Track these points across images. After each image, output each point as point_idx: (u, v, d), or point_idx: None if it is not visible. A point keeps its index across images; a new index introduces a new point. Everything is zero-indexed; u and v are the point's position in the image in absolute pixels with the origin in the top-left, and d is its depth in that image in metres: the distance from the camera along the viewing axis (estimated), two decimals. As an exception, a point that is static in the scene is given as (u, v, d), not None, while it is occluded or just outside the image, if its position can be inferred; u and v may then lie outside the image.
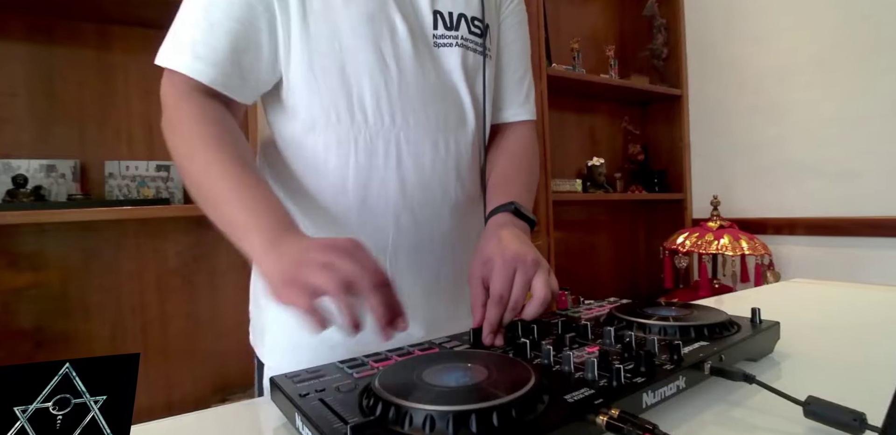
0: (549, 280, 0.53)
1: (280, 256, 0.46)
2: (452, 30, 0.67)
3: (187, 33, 0.58)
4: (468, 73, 0.68)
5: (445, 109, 0.66)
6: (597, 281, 2.47)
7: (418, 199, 0.65)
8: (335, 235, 0.58)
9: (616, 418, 0.32)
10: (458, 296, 0.70)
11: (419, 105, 0.64)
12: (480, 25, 0.70)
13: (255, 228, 0.49)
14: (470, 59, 0.68)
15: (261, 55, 0.60)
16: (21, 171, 1.30)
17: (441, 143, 0.66)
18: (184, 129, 0.56)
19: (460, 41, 0.67)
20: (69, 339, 1.37)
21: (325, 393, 0.37)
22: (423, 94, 0.64)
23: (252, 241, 0.48)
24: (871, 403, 0.35)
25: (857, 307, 0.82)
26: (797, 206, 2.05)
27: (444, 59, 0.66)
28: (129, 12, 1.37)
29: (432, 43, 0.66)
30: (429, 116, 0.65)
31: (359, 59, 0.61)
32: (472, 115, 0.70)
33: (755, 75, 2.18)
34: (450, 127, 0.67)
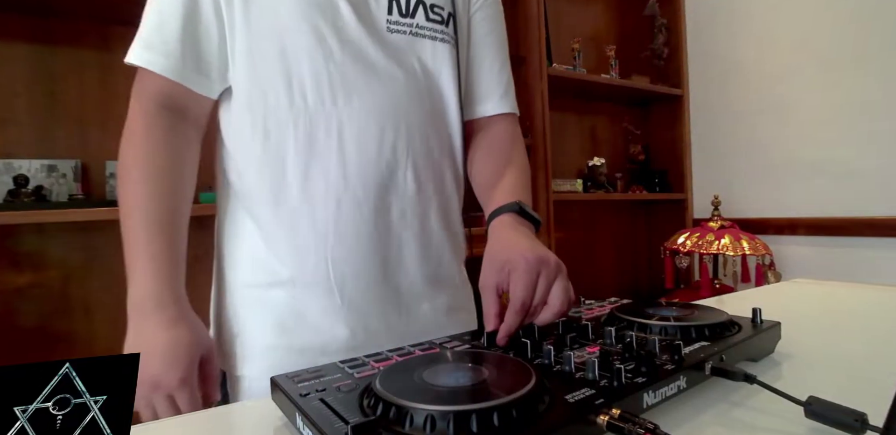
0: (567, 287, 0.52)
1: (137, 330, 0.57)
2: (407, 17, 0.66)
3: (142, 28, 0.60)
4: (424, 59, 0.67)
5: (397, 94, 0.64)
6: (598, 281, 2.47)
7: (362, 184, 0.63)
8: (276, 219, 0.63)
9: (617, 418, 0.32)
10: (404, 289, 0.68)
11: (364, 88, 0.63)
12: (441, 12, 0.69)
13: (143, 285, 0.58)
14: (427, 47, 0.67)
15: (211, 40, 0.61)
16: (22, 171, 1.30)
17: (389, 128, 0.64)
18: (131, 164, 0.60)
19: (414, 29, 0.67)
20: (70, 338, 1.37)
21: (326, 393, 0.37)
22: (369, 78, 0.63)
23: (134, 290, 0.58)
24: (873, 404, 0.35)
25: (859, 307, 0.81)
26: (798, 206, 2.05)
27: (397, 45, 0.65)
28: (130, 12, 1.37)
29: (385, 28, 0.65)
30: (376, 100, 0.63)
31: (298, 41, 0.60)
32: (431, 102, 0.68)
33: (756, 75, 2.18)
34: (401, 112, 0.65)
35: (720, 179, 2.34)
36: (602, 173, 2.28)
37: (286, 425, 0.40)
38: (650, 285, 2.58)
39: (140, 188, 0.59)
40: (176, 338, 0.56)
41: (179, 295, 0.61)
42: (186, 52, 0.60)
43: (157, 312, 0.57)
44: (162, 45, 0.59)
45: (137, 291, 0.57)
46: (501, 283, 0.53)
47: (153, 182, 0.60)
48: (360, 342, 0.64)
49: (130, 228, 0.59)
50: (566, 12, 2.40)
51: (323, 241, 0.63)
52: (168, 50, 0.59)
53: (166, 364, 0.54)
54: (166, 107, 0.61)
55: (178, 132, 0.62)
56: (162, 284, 0.59)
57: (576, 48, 2.19)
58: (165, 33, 0.59)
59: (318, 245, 0.63)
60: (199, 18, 0.60)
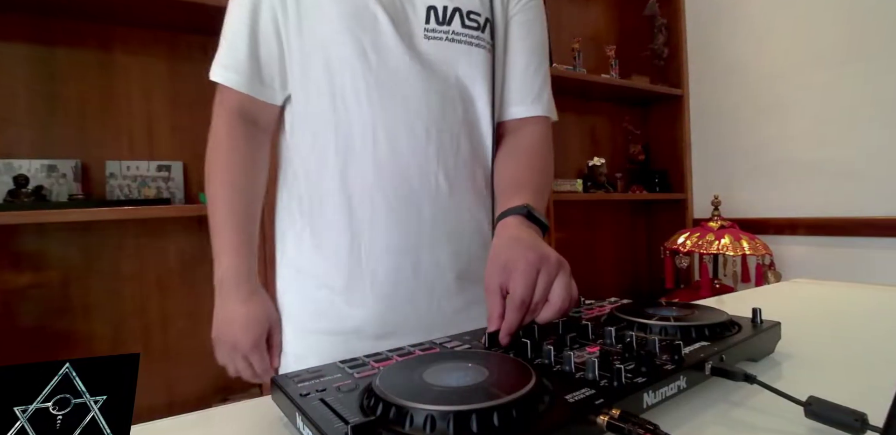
0: (569, 284, 0.52)
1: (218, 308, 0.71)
2: (444, 24, 0.69)
3: (220, 48, 0.70)
4: (457, 65, 0.70)
5: (428, 99, 0.69)
6: (598, 281, 2.47)
7: (392, 183, 0.68)
8: (320, 213, 0.70)
9: (617, 418, 0.32)
10: (435, 285, 0.72)
11: (397, 93, 0.68)
12: (478, 19, 0.71)
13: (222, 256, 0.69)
14: (462, 52, 0.70)
15: (272, 55, 0.70)
16: (22, 171, 1.30)
17: (420, 130, 0.68)
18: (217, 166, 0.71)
19: (450, 35, 0.70)
20: (70, 339, 1.37)
21: (326, 393, 0.37)
22: (402, 84, 0.68)
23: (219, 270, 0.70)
24: (873, 404, 0.35)
25: (859, 307, 0.81)
26: (798, 206, 2.05)
27: (433, 52, 0.69)
28: (131, 13, 1.37)
29: (422, 36, 0.69)
30: (408, 104, 0.68)
31: (340, 53, 0.66)
32: (463, 106, 0.71)
33: (756, 75, 2.18)
34: (433, 115, 0.69)
35: (720, 179, 2.34)
36: (602, 173, 2.28)
37: (286, 425, 0.40)
38: (650, 285, 2.58)
39: (225, 188, 0.70)
40: (250, 311, 0.69)
41: (253, 274, 0.71)
42: (253, 68, 0.69)
43: (236, 287, 0.69)
44: (234, 63, 0.69)
45: (221, 270, 0.69)
46: (504, 283, 0.52)
47: (235, 183, 0.71)
48: (388, 330, 0.70)
49: (218, 220, 0.70)
50: (566, 12, 2.40)
51: (358, 239, 0.69)
52: (238, 67, 0.69)
53: (242, 331, 0.68)
54: (242, 117, 0.71)
55: (252, 138, 0.72)
56: (240, 264, 0.69)
57: (576, 48, 2.19)
58: (236, 52, 0.69)
59: (353, 243, 0.69)
60: (261, 38, 0.69)
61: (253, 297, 0.70)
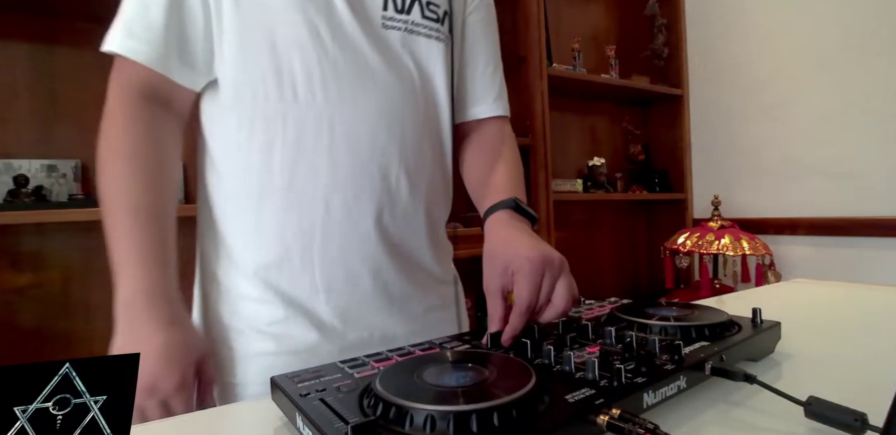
0: (571, 285, 0.52)
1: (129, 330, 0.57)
2: (403, 13, 0.64)
3: (123, 14, 0.58)
4: (418, 58, 0.65)
5: (391, 94, 0.62)
6: (598, 281, 2.47)
7: (351, 185, 0.61)
8: (258, 218, 0.61)
9: (617, 418, 0.32)
10: (395, 291, 0.66)
11: (358, 86, 0.60)
12: (437, 10, 0.67)
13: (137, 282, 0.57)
14: (422, 45, 0.66)
15: (197, 29, 0.58)
16: (22, 171, 1.30)
17: (382, 129, 0.62)
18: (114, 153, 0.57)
19: (409, 26, 0.64)
20: (70, 339, 1.37)
21: (326, 393, 0.37)
22: (362, 75, 0.61)
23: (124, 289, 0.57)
24: (873, 403, 0.35)
25: (859, 307, 0.81)
26: (798, 206, 2.05)
27: (391, 42, 0.63)
28: (130, 12, 1.37)
29: (380, 24, 0.63)
30: (368, 98, 0.61)
31: (290, 33, 0.58)
32: (424, 101, 0.66)
33: (756, 75, 2.18)
34: (395, 111, 0.63)
35: (720, 179, 2.34)
36: (602, 173, 2.28)
37: (286, 425, 0.40)
38: (650, 285, 2.58)
39: (125, 182, 0.56)
40: (171, 339, 0.53)
41: (172, 292, 0.58)
42: (171, 41, 0.57)
43: (149, 310, 0.55)
44: (145, 32, 0.56)
45: (127, 289, 0.56)
46: (506, 285, 0.52)
47: (138, 175, 0.56)
48: (350, 343, 0.63)
49: (117, 223, 0.57)
50: (566, 12, 2.40)
51: (310, 244, 0.61)
52: (151, 38, 0.57)
53: (162, 368, 0.51)
54: (148, 97, 0.59)
55: (161, 124, 0.60)
56: (154, 280, 0.56)
57: (576, 48, 2.19)
58: (149, 20, 0.57)
59: (304, 249, 0.61)
60: (184, 5, 0.57)
61: (175, 321, 0.56)
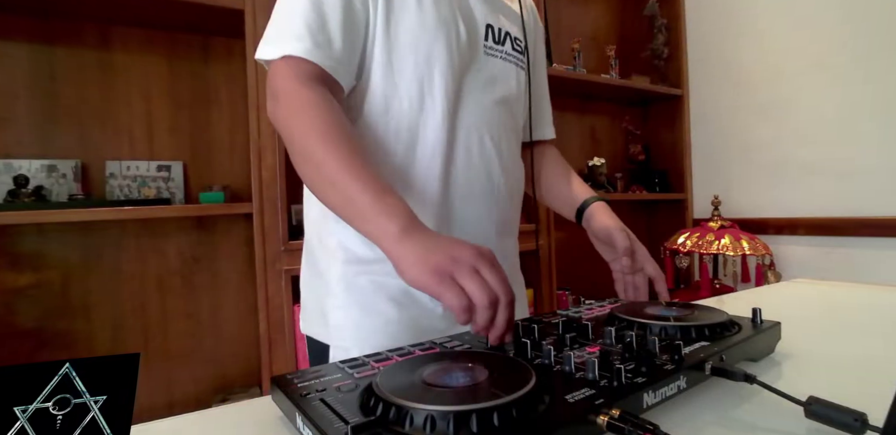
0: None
1: (419, 242, 0.50)
2: (499, 44, 0.74)
3: (301, 23, 0.61)
4: (510, 82, 0.76)
5: (490, 109, 0.73)
6: (597, 281, 2.46)
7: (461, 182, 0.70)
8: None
9: (617, 418, 0.32)
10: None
11: (470, 100, 0.71)
12: (521, 45, 0.79)
13: (388, 213, 0.52)
14: (513, 72, 0.76)
15: (359, 42, 0.65)
16: (22, 172, 1.31)
17: (486, 136, 0.72)
18: (310, 113, 0.58)
19: (504, 55, 0.75)
20: (70, 339, 1.37)
21: (326, 393, 0.37)
22: (473, 91, 0.71)
23: (384, 224, 0.52)
24: (873, 404, 0.35)
25: (859, 307, 0.81)
26: (798, 206, 2.05)
27: (491, 66, 0.73)
28: (131, 12, 1.37)
29: (483, 51, 0.73)
30: (479, 111, 0.71)
31: (433, 52, 0.66)
32: (514, 122, 0.78)
33: (756, 75, 2.18)
34: (493, 123, 0.73)
35: (720, 179, 2.34)
36: (602, 173, 2.28)
37: (286, 425, 0.40)
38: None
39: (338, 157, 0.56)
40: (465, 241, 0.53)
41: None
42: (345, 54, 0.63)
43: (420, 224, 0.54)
44: (326, 42, 0.61)
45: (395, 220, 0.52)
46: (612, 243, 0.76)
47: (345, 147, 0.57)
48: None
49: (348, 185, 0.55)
50: (566, 12, 2.40)
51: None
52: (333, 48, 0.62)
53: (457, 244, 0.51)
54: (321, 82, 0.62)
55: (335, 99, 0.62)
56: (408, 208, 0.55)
57: (576, 48, 2.19)
58: (328, 30, 0.62)
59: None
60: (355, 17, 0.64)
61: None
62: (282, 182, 1.41)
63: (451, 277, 0.47)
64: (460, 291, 0.46)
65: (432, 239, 0.51)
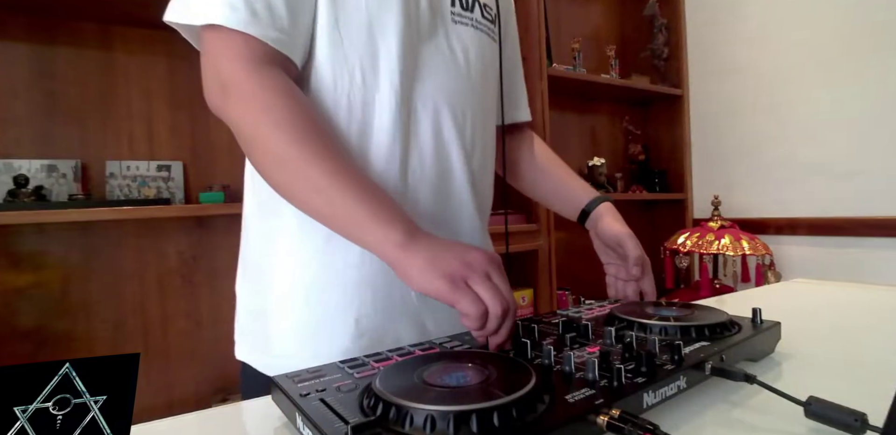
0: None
1: (426, 247, 0.47)
2: (467, 11, 0.66)
3: None
4: (482, 54, 0.67)
5: (456, 83, 0.64)
6: (597, 281, 2.46)
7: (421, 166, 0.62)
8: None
9: (617, 419, 0.32)
10: None
11: (433, 72, 0.62)
12: (491, 13, 0.70)
13: (389, 221, 0.48)
14: (485, 42, 0.68)
15: (307, 8, 0.56)
16: (22, 171, 1.31)
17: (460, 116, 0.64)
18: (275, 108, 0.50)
19: (474, 23, 0.66)
20: (70, 339, 1.37)
21: (326, 393, 0.37)
22: (435, 63, 0.63)
23: (387, 233, 0.48)
24: (873, 404, 0.35)
25: (859, 307, 0.81)
26: (798, 206, 2.05)
27: (460, 36, 0.65)
28: (130, 12, 1.37)
29: (450, 18, 0.64)
30: (440, 85, 0.63)
31: (385, 19, 0.58)
32: (482, 95, 0.68)
33: (756, 75, 2.18)
34: (459, 99, 0.65)
35: (720, 179, 2.34)
36: (602, 173, 2.28)
37: (286, 425, 0.40)
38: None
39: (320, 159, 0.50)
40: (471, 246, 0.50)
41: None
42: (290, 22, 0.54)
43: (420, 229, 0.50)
44: (267, 11, 0.52)
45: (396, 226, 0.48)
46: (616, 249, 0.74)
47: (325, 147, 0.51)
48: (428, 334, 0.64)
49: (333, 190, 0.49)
50: (566, 12, 2.39)
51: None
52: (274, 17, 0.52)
53: (471, 249, 0.49)
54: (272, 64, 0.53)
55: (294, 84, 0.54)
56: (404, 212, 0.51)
57: (576, 48, 2.19)
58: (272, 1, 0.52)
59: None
60: None
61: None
62: (282, 182, 1.41)
63: (464, 282, 0.45)
64: (476, 297, 0.44)
65: (439, 243, 0.49)
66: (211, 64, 0.53)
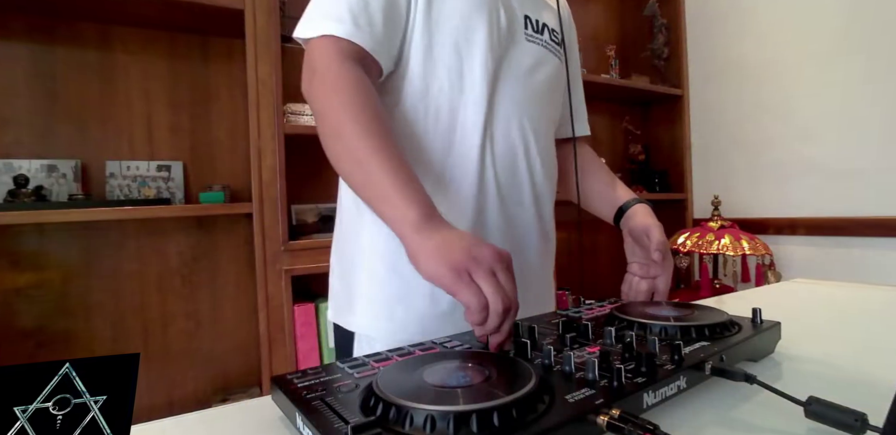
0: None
1: (438, 234, 0.50)
2: (538, 33, 0.75)
3: (343, 5, 0.61)
4: (550, 69, 0.76)
5: (528, 95, 0.73)
6: (597, 281, 2.47)
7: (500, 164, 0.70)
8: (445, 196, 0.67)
9: (617, 419, 0.32)
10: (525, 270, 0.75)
11: (509, 85, 0.70)
12: (558, 36, 0.79)
13: (410, 199, 0.52)
14: (552, 61, 0.76)
15: (400, 25, 0.65)
16: (22, 171, 1.30)
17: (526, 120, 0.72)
18: (346, 91, 0.58)
19: (544, 43, 0.75)
20: (70, 339, 1.37)
21: (326, 393, 0.37)
22: (511, 77, 0.71)
23: (404, 209, 0.52)
24: (873, 404, 0.35)
25: (859, 307, 0.81)
26: (798, 205, 2.05)
27: (533, 53, 0.73)
28: (130, 12, 1.37)
29: (524, 38, 0.73)
30: (517, 97, 0.71)
31: (473, 35, 0.67)
32: (548, 105, 0.77)
33: (756, 75, 2.18)
34: (531, 110, 0.73)
35: (720, 179, 2.34)
36: (602, 173, 2.28)
37: (286, 425, 0.40)
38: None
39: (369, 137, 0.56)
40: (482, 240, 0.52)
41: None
42: (387, 37, 0.64)
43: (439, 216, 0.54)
44: (368, 24, 0.62)
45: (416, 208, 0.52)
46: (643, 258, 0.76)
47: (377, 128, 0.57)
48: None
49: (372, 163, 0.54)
50: (566, 12, 2.39)
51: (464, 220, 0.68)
52: (374, 30, 0.62)
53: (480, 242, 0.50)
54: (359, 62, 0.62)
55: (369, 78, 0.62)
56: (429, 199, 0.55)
57: (576, 48, 2.18)
58: (370, 12, 0.62)
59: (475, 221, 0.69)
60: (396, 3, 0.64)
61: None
62: (282, 182, 1.41)
63: (468, 274, 0.46)
64: (477, 289, 0.46)
65: (452, 232, 0.51)
66: (308, 58, 0.62)
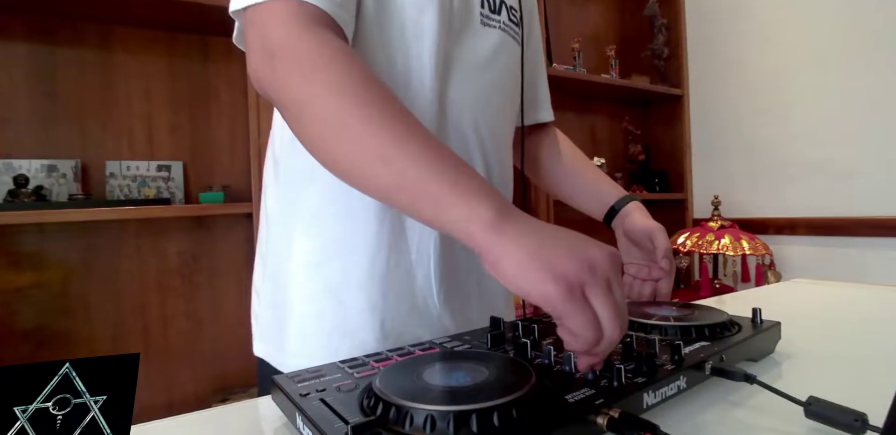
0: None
1: (527, 231, 0.38)
2: (495, 13, 0.65)
3: None
4: (508, 57, 0.67)
5: (483, 84, 0.64)
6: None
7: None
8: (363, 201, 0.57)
9: (617, 419, 0.32)
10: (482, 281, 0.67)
11: (462, 79, 0.61)
12: (517, 15, 0.69)
13: (476, 194, 0.39)
14: (510, 45, 0.68)
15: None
16: (22, 171, 1.31)
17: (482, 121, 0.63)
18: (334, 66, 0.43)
19: (502, 25, 0.66)
20: (70, 339, 1.37)
21: (326, 393, 0.37)
22: (465, 69, 0.62)
23: (472, 209, 0.38)
24: (873, 404, 0.35)
25: (859, 307, 0.81)
26: (798, 206, 2.05)
27: (489, 38, 0.64)
28: (130, 12, 1.37)
29: (479, 21, 0.63)
30: (472, 92, 0.62)
31: (422, 20, 0.56)
32: (507, 98, 0.68)
33: (756, 75, 2.18)
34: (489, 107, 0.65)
35: (720, 179, 2.34)
36: (602, 173, 2.28)
37: (286, 425, 0.40)
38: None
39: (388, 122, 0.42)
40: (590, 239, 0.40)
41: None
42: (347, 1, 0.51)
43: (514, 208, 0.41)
44: None
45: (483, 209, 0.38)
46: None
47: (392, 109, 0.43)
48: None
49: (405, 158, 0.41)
50: (566, 12, 2.40)
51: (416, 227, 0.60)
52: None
53: (596, 245, 0.38)
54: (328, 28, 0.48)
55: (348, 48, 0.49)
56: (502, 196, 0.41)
57: (576, 48, 2.19)
58: None
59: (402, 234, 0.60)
60: None
61: None
62: (282, 182, 1.41)
63: (581, 291, 0.35)
64: (594, 316, 0.35)
65: (544, 229, 0.39)
66: (257, 35, 0.47)
